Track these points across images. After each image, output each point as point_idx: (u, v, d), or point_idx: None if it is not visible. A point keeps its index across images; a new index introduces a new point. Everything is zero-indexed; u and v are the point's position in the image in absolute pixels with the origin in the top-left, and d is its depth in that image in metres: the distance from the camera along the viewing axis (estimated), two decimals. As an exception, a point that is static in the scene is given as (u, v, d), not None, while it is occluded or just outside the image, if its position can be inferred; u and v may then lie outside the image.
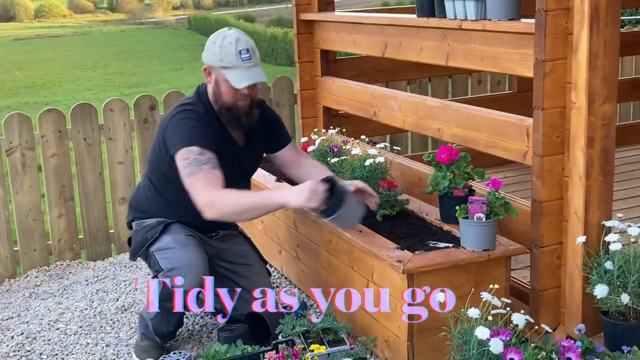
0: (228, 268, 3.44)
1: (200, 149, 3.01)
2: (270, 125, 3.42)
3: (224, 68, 3.08)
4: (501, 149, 3.18)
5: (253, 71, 3.09)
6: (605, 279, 2.69)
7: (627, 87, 5.34)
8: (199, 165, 2.97)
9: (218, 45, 3.10)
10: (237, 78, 3.07)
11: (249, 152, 3.34)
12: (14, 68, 23.06)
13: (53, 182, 4.61)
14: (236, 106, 3.14)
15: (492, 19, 3.09)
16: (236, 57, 3.06)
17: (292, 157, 3.50)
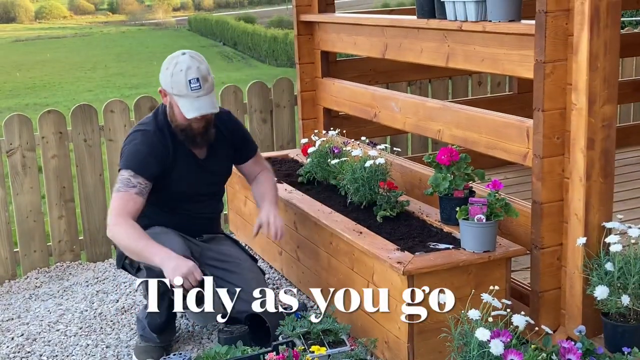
0: (217, 266, 3.46)
1: (134, 173, 3.16)
2: (236, 137, 3.49)
3: (175, 95, 3.17)
4: (501, 150, 3.18)
5: (202, 101, 3.14)
6: (605, 281, 2.69)
7: (627, 88, 5.34)
8: (126, 187, 3.15)
9: (170, 73, 3.17)
10: (186, 108, 3.14)
11: (212, 163, 3.39)
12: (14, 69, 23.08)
13: (53, 183, 4.61)
14: (190, 127, 3.22)
15: (493, 20, 3.09)
16: (186, 86, 3.12)
17: (253, 172, 3.59)
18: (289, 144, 5.15)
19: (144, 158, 3.20)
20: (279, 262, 4.09)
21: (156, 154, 3.22)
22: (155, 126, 3.27)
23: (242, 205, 4.50)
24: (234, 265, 3.48)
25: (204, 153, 3.37)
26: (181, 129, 3.23)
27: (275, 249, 4.10)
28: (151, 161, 3.20)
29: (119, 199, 3.15)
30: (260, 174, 3.59)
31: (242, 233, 4.55)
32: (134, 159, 3.20)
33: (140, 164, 3.18)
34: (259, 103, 5.05)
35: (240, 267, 3.49)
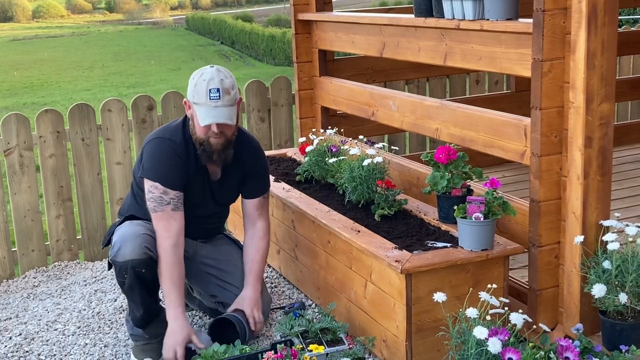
0: (212, 265, 3.48)
1: (164, 188, 3.18)
2: (252, 172, 3.43)
3: (195, 104, 3.18)
4: (499, 148, 3.18)
5: (218, 111, 3.14)
6: (603, 279, 2.69)
7: (624, 86, 5.35)
8: (162, 205, 3.18)
9: (194, 82, 3.20)
10: (202, 116, 3.15)
11: (222, 187, 3.39)
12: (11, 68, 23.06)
13: (51, 182, 4.61)
14: (208, 143, 3.21)
15: (490, 18, 3.09)
16: (205, 95, 3.14)
17: (252, 214, 3.47)
18: (287, 143, 5.15)
19: (173, 173, 3.21)
20: (277, 260, 4.10)
21: (182, 164, 3.23)
22: (182, 137, 3.26)
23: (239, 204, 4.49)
24: (229, 265, 3.49)
25: (218, 175, 3.37)
26: (200, 143, 3.21)
27: (273, 247, 4.10)
28: (178, 175, 3.22)
29: (159, 219, 3.18)
30: (257, 228, 3.47)
31: (240, 232, 4.54)
32: (162, 172, 3.20)
33: (169, 179, 3.20)
34: (256, 102, 5.05)
35: (236, 266, 3.50)
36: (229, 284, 3.46)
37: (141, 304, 3.22)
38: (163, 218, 3.17)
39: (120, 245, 3.15)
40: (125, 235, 3.18)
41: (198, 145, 3.23)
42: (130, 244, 3.14)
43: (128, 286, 3.18)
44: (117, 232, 3.24)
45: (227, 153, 3.26)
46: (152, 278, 3.18)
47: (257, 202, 3.47)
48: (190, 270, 3.40)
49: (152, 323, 3.29)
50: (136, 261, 3.13)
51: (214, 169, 3.35)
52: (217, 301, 3.50)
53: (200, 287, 3.52)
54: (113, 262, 3.19)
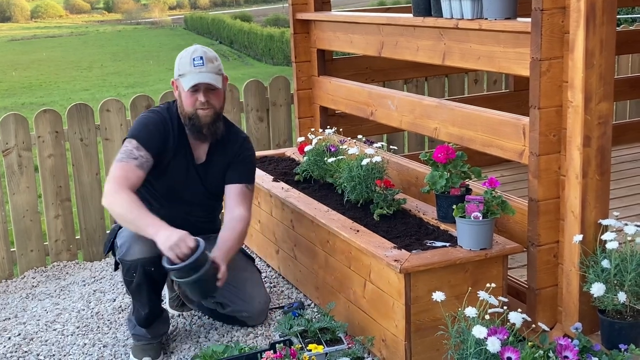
0: None
1: (138, 144, 3.20)
2: (233, 157, 3.39)
3: (180, 77, 3.24)
4: (498, 148, 3.18)
5: (202, 75, 3.20)
6: (602, 278, 2.69)
7: (623, 85, 5.35)
8: (128, 157, 3.18)
9: (179, 58, 3.28)
10: (187, 81, 3.21)
11: (207, 171, 3.38)
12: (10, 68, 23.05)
13: (50, 182, 4.61)
14: (197, 115, 3.24)
15: (489, 18, 3.09)
16: (190, 64, 3.21)
17: (231, 204, 3.37)
18: (286, 143, 5.15)
19: (151, 131, 3.25)
20: (276, 260, 4.10)
21: (163, 130, 3.27)
22: (167, 112, 3.33)
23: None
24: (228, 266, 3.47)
25: (202, 159, 3.38)
26: (189, 117, 3.25)
27: (272, 247, 4.10)
28: (157, 136, 3.25)
29: (120, 168, 3.17)
30: (235, 214, 3.33)
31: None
32: (141, 130, 3.25)
33: (146, 136, 3.23)
34: (255, 101, 5.05)
35: (235, 267, 3.48)
36: (227, 284, 3.43)
37: (147, 303, 3.23)
38: (123, 168, 3.15)
39: (130, 245, 3.15)
40: (133, 234, 3.16)
41: (187, 121, 3.26)
42: (139, 242, 3.14)
43: (136, 285, 3.18)
44: (122, 233, 3.23)
45: (216, 126, 3.28)
46: (159, 276, 3.20)
47: (238, 189, 3.37)
48: None
49: (155, 322, 3.30)
50: (146, 260, 3.13)
51: (199, 151, 3.36)
52: (215, 301, 3.49)
53: None
54: (121, 261, 3.19)
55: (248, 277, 3.51)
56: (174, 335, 3.49)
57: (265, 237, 4.18)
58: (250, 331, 3.49)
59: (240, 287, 3.45)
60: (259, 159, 4.62)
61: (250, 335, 3.46)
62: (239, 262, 3.51)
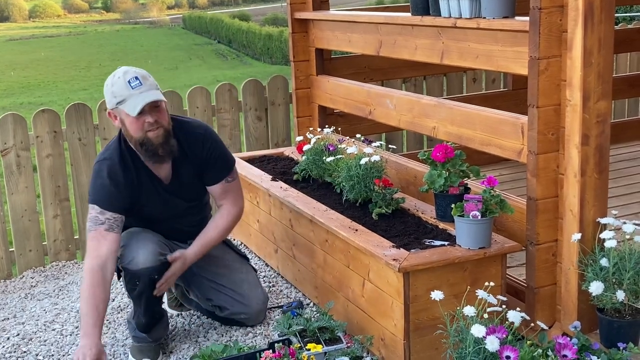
0: (206, 268, 3.46)
1: (101, 209, 3.10)
2: (203, 159, 3.30)
3: (120, 104, 3.05)
4: (496, 146, 3.18)
5: (145, 95, 3.03)
6: (600, 276, 2.69)
7: (621, 84, 5.35)
8: (96, 225, 3.10)
9: (110, 85, 3.10)
10: (132, 106, 3.02)
11: (180, 186, 3.29)
12: (8, 68, 23.04)
13: (48, 182, 4.61)
14: (147, 138, 3.08)
15: (487, 17, 3.09)
16: (126, 88, 3.03)
17: (217, 198, 3.40)
18: (284, 142, 5.15)
19: (109, 192, 3.12)
20: (275, 260, 4.10)
21: (121, 186, 3.14)
22: (119, 154, 3.17)
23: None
24: (223, 268, 3.49)
25: (169, 177, 3.27)
26: (140, 143, 3.09)
27: (271, 246, 4.10)
28: (116, 195, 3.12)
29: (90, 239, 3.10)
30: (221, 209, 3.39)
31: (237, 231, 4.55)
32: (99, 193, 3.13)
33: (105, 199, 3.11)
34: (253, 101, 5.05)
35: (230, 268, 3.49)
36: (223, 287, 3.45)
37: (148, 310, 3.24)
38: (95, 238, 3.07)
39: (135, 255, 3.13)
40: (137, 243, 3.16)
41: (139, 148, 3.11)
42: (143, 251, 3.13)
43: (138, 293, 3.17)
44: (125, 242, 3.20)
45: (170, 144, 3.14)
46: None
47: (220, 187, 3.35)
48: (185, 274, 3.38)
49: (155, 327, 3.31)
50: (150, 269, 3.13)
51: (163, 172, 3.24)
52: (213, 304, 3.49)
53: (196, 290, 3.51)
54: (125, 269, 3.17)
55: (244, 278, 3.50)
56: (172, 335, 3.49)
57: (264, 237, 4.18)
58: (249, 330, 3.49)
59: (236, 289, 3.45)
60: (258, 158, 4.62)
61: (249, 334, 3.46)
62: (233, 264, 3.52)
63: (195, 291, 3.53)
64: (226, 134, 4.95)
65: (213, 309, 3.51)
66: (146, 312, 3.23)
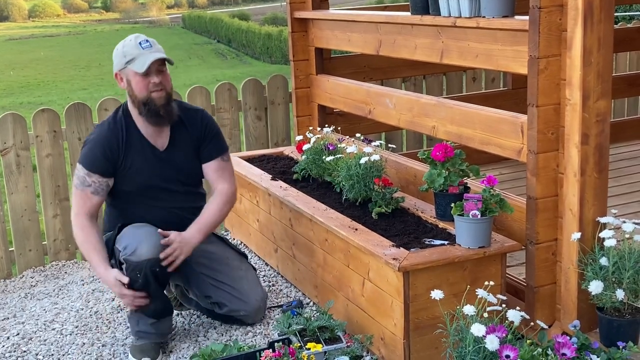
0: (205, 265, 3.48)
1: (88, 171, 3.28)
2: (200, 133, 3.42)
3: (129, 63, 3.23)
4: (496, 146, 3.18)
5: (154, 54, 3.23)
6: (600, 275, 2.69)
7: (621, 83, 5.35)
8: (83, 185, 3.29)
9: (121, 47, 3.29)
10: (141, 63, 3.20)
11: (173, 155, 3.37)
12: (8, 68, 23.03)
13: (48, 182, 4.61)
14: (151, 98, 3.23)
15: (486, 16, 3.09)
16: (137, 47, 3.23)
17: (211, 176, 3.46)
18: (284, 141, 5.15)
19: (96, 156, 3.29)
20: (275, 259, 4.10)
21: (109, 148, 3.28)
22: (112, 119, 3.35)
23: (237, 203, 4.49)
24: (222, 265, 3.49)
25: (165, 145, 3.37)
26: (143, 103, 3.24)
27: (271, 246, 4.10)
28: (102, 159, 3.27)
29: (76, 197, 3.32)
30: (218, 190, 3.44)
31: (237, 230, 4.55)
32: (88, 156, 3.30)
33: (93, 162, 3.28)
34: (253, 100, 5.05)
35: (229, 265, 3.50)
36: (222, 283, 3.46)
37: (155, 296, 3.24)
38: (81, 197, 3.29)
39: (137, 246, 3.15)
40: (138, 235, 3.19)
41: (142, 108, 3.25)
42: (146, 243, 3.16)
43: (142, 284, 3.18)
44: (126, 235, 3.23)
45: (171, 107, 3.29)
46: (163, 275, 3.23)
47: (216, 164, 3.43)
48: (185, 271, 3.39)
49: (164, 319, 3.31)
50: (152, 261, 3.15)
51: (160, 140, 3.35)
52: (212, 302, 3.49)
53: (195, 288, 3.52)
54: (126, 261, 3.18)
55: (243, 275, 3.51)
56: (172, 335, 3.49)
57: (264, 236, 4.18)
58: (249, 330, 3.49)
59: (236, 286, 3.45)
60: (258, 157, 4.62)
61: (249, 334, 3.46)
62: (232, 261, 3.52)
63: (194, 289, 3.53)
64: (226, 134, 4.94)
65: (212, 307, 3.51)
66: (154, 297, 3.24)
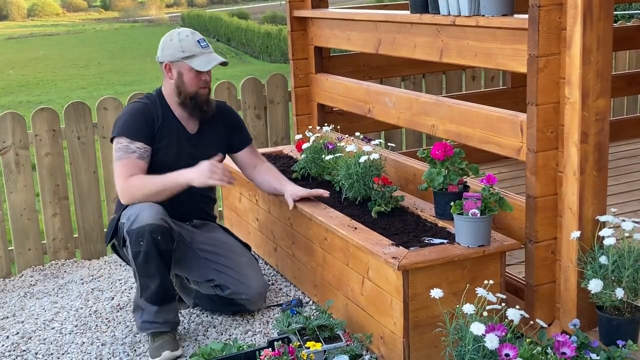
0: (210, 251, 3.53)
1: (130, 139, 3.33)
2: (232, 124, 3.67)
3: (186, 58, 3.39)
4: (495, 144, 3.18)
5: (214, 56, 3.44)
6: (599, 274, 2.69)
7: (620, 82, 5.35)
8: (126, 153, 3.32)
9: (176, 40, 3.42)
10: (203, 63, 3.39)
11: (201, 140, 3.53)
12: (7, 67, 23.03)
13: (47, 181, 4.60)
14: (199, 94, 3.43)
15: (486, 14, 3.09)
16: (196, 45, 3.40)
17: (249, 160, 3.72)
18: (283, 140, 5.15)
19: (138, 123, 3.37)
20: (274, 258, 4.10)
21: (149, 117, 3.40)
22: (145, 98, 3.50)
23: (236, 202, 4.50)
24: (226, 250, 3.56)
25: (195, 129, 3.53)
26: (191, 97, 3.41)
27: (271, 245, 4.10)
28: (144, 125, 3.37)
29: (122, 166, 3.30)
30: (259, 161, 3.74)
31: (237, 229, 4.55)
32: (128, 125, 3.36)
33: (135, 130, 3.35)
34: (252, 99, 5.05)
35: (233, 252, 3.58)
36: (226, 267, 3.51)
37: (157, 273, 3.22)
38: (127, 164, 3.29)
39: (138, 214, 3.20)
40: (140, 207, 3.24)
41: (189, 101, 3.41)
42: (147, 211, 3.21)
43: (144, 254, 3.18)
44: (127, 211, 3.27)
45: (211, 101, 3.52)
46: (166, 249, 3.22)
47: (250, 148, 3.73)
48: (188, 257, 3.46)
49: (166, 304, 3.28)
50: (154, 226, 3.17)
51: (190, 125, 3.52)
52: (214, 285, 3.53)
53: (197, 274, 3.55)
54: (129, 233, 3.20)
55: (247, 262, 3.58)
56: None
57: (264, 235, 4.18)
58: (249, 329, 3.49)
59: (239, 270, 3.52)
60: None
61: (249, 333, 3.46)
62: (237, 248, 3.61)
63: (196, 276, 3.56)
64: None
65: (214, 290, 3.54)
66: (155, 275, 3.21)
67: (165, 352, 3.21)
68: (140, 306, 3.30)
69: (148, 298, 3.26)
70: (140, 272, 3.24)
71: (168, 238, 3.22)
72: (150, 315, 3.28)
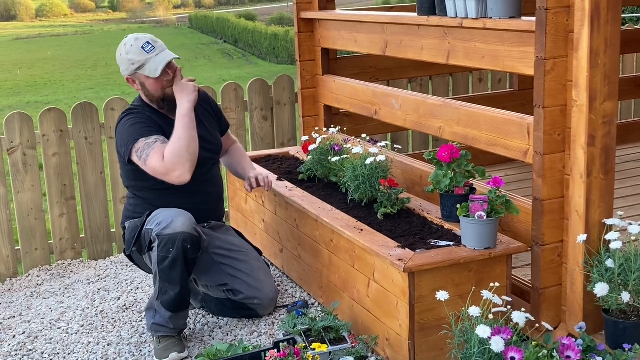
0: (225, 255, 3.55)
1: (145, 137, 3.30)
2: (214, 109, 3.73)
3: (138, 69, 3.36)
4: (502, 147, 3.18)
5: (161, 56, 3.36)
6: (606, 277, 2.69)
7: (628, 85, 5.34)
8: (150, 147, 3.27)
9: (124, 53, 3.38)
10: (151, 69, 3.33)
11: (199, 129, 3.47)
12: (15, 67, 23.11)
13: (54, 181, 4.62)
14: (167, 95, 3.40)
15: (493, 17, 3.09)
16: (141, 53, 3.34)
17: (226, 144, 3.82)
18: (290, 142, 5.15)
19: (142, 124, 3.35)
20: (280, 259, 4.10)
21: (146, 118, 3.40)
22: (134, 107, 3.48)
23: (243, 203, 4.50)
24: (241, 255, 3.59)
25: None
26: (162, 100, 3.40)
27: (276, 246, 4.10)
28: (149, 122, 3.37)
29: (151, 160, 3.22)
30: (232, 146, 3.89)
31: (243, 230, 4.54)
32: (136, 128, 3.34)
33: (143, 129, 3.35)
34: (259, 100, 5.05)
35: (248, 256, 3.62)
36: (240, 272, 3.54)
37: (179, 281, 3.24)
38: (153, 153, 3.23)
39: (172, 220, 3.22)
40: (173, 213, 3.26)
41: (162, 105, 3.41)
42: (181, 218, 3.23)
43: (171, 260, 3.19)
44: (159, 214, 3.29)
45: None
46: (192, 258, 3.25)
47: (228, 134, 3.87)
48: (204, 262, 3.47)
49: (179, 312, 3.31)
50: (186, 234, 3.20)
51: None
52: (227, 289, 3.56)
53: (210, 278, 3.57)
54: (159, 236, 3.21)
55: (260, 266, 3.63)
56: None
57: (269, 236, 4.19)
58: (254, 330, 3.49)
59: (253, 275, 3.55)
60: (264, 157, 4.63)
61: (254, 334, 3.46)
62: (251, 253, 3.64)
63: (208, 280, 3.58)
64: (232, 134, 4.95)
65: (226, 294, 3.56)
66: (177, 283, 3.23)
67: (173, 353, 3.23)
68: (154, 308, 3.32)
69: (164, 303, 3.28)
70: (163, 276, 3.25)
71: (197, 247, 3.26)
72: (163, 320, 3.30)
